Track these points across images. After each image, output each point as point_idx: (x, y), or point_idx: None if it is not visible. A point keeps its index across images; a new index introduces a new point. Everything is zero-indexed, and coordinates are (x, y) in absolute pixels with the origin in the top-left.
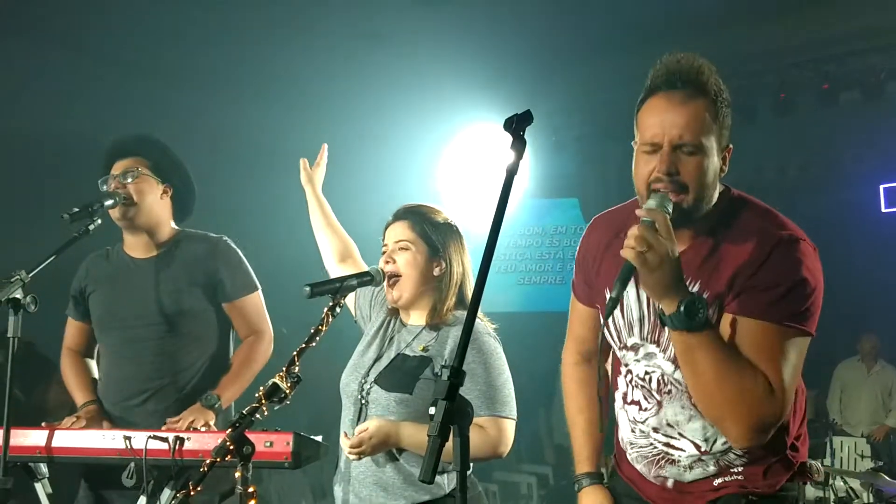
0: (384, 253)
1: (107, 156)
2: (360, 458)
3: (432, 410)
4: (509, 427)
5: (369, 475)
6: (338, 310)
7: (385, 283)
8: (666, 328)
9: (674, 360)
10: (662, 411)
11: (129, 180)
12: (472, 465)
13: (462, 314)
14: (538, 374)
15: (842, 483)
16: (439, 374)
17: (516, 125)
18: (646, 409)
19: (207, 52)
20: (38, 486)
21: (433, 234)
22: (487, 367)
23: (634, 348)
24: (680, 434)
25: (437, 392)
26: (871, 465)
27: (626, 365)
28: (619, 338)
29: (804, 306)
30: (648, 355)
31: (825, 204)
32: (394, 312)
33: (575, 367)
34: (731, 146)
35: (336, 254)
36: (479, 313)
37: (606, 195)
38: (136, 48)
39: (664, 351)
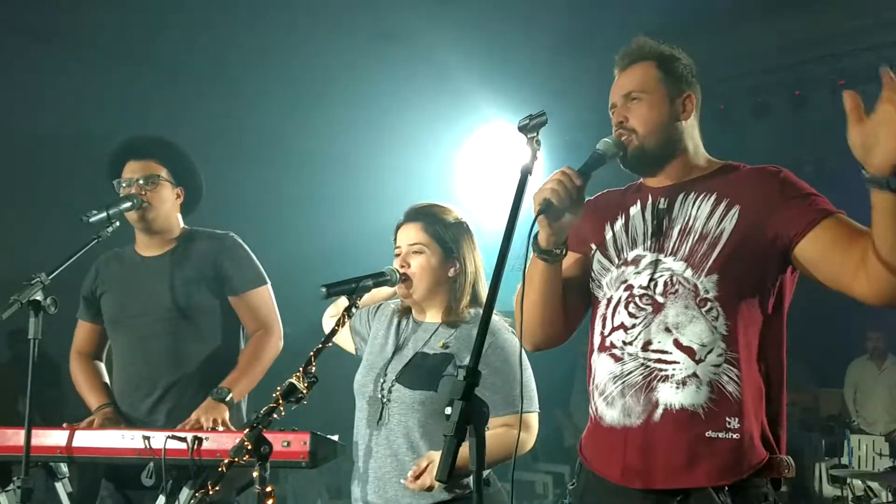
0: (398, 255)
1: (118, 154)
2: (427, 490)
3: (448, 411)
4: (534, 420)
5: (394, 475)
6: (354, 310)
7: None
8: (673, 234)
9: (686, 260)
10: (661, 316)
11: (150, 186)
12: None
13: (479, 312)
14: (553, 373)
15: (860, 482)
16: (456, 373)
17: (531, 126)
18: (633, 327)
19: (225, 51)
20: (58, 485)
21: (446, 235)
22: (511, 364)
23: (636, 261)
24: (675, 342)
25: (453, 392)
26: (891, 464)
27: (625, 281)
28: (618, 255)
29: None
30: (654, 262)
31: (841, 200)
32: (404, 312)
33: None
34: (691, 94)
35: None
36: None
37: None
38: (152, 46)
39: (674, 254)
